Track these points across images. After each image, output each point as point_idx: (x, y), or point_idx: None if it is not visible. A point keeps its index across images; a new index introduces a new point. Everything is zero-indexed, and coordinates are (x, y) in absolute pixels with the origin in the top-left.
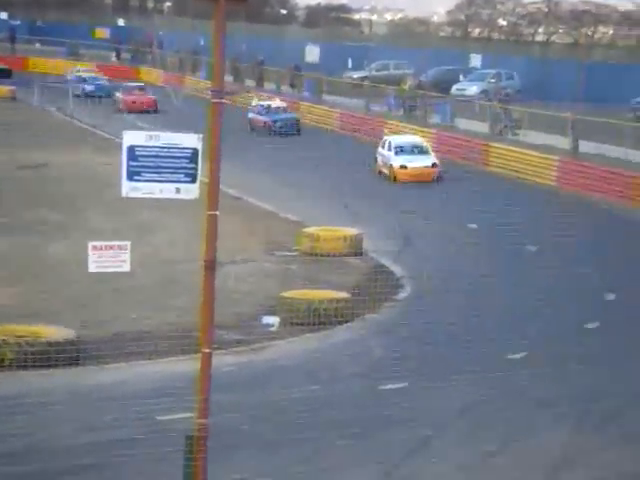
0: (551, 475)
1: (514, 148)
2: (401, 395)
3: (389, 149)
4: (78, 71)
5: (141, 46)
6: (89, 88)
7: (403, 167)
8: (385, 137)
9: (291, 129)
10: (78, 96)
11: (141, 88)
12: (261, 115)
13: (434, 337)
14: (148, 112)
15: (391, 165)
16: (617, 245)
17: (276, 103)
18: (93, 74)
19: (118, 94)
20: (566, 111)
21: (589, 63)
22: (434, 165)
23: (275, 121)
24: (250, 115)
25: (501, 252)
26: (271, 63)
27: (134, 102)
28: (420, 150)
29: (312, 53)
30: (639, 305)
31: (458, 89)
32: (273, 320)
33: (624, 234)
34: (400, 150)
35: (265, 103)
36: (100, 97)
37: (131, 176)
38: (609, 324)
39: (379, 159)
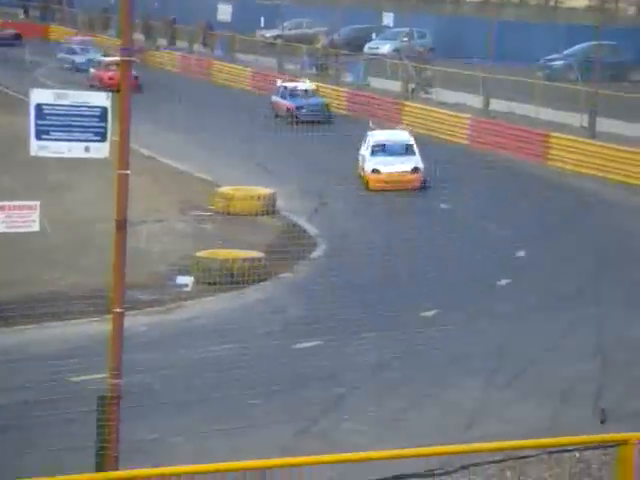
0: (462, 430)
1: (426, 106)
2: (315, 353)
3: (367, 147)
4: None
5: (50, 3)
6: (79, 60)
7: (376, 171)
8: (368, 132)
9: (318, 116)
10: (69, 69)
11: (120, 63)
12: (284, 99)
13: (348, 295)
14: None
15: (364, 169)
16: (527, 202)
17: (303, 85)
18: (89, 46)
19: (92, 69)
20: (478, 69)
21: (500, 21)
22: (415, 170)
23: (299, 107)
24: (273, 98)
25: (414, 210)
26: (183, 21)
27: (111, 79)
28: (402, 150)
29: (224, 11)
30: (549, 261)
31: (371, 48)
32: (187, 280)
33: (534, 191)
34: (378, 149)
35: (289, 85)
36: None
37: (39, 135)
38: (520, 281)
39: (359, 159)
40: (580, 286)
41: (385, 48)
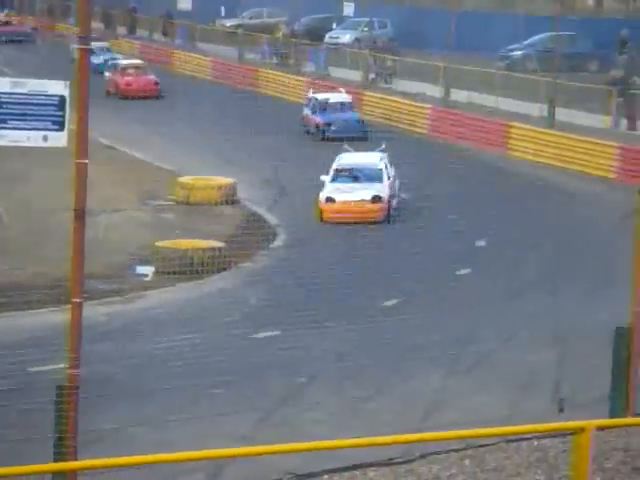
0: (423, 419)
1: (386, 96)
2: (275, 343)
3: (329, 172)
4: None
5: None
6: (96, 61)
7: (330, 200)
8: (337, 156)
9: (349, 133)
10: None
11: (138, 66)
12: (314, 113)
13: (308, 285)
14: (147, 98)
15: (318, 196)
16: (487, 192)
17: (336, 97)
18: (106, 44)
19: (107, 73)
20: (438, 60)
21: (461, 12)
22: (376, 199)
23: (329, 123)
24: (304, 112)
25: None
26: (143, 10)
27: (129, 85)
28: (368, 176)
29: (184, 0)
30: (509, 250)
31: (331, 37)
32: (147, 270)
33: (494, 181)
34: (340, 175)
35: (321, 97)
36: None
37: None
38: (480, 270)
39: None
40: (539, 275)
41: (346, 38)
